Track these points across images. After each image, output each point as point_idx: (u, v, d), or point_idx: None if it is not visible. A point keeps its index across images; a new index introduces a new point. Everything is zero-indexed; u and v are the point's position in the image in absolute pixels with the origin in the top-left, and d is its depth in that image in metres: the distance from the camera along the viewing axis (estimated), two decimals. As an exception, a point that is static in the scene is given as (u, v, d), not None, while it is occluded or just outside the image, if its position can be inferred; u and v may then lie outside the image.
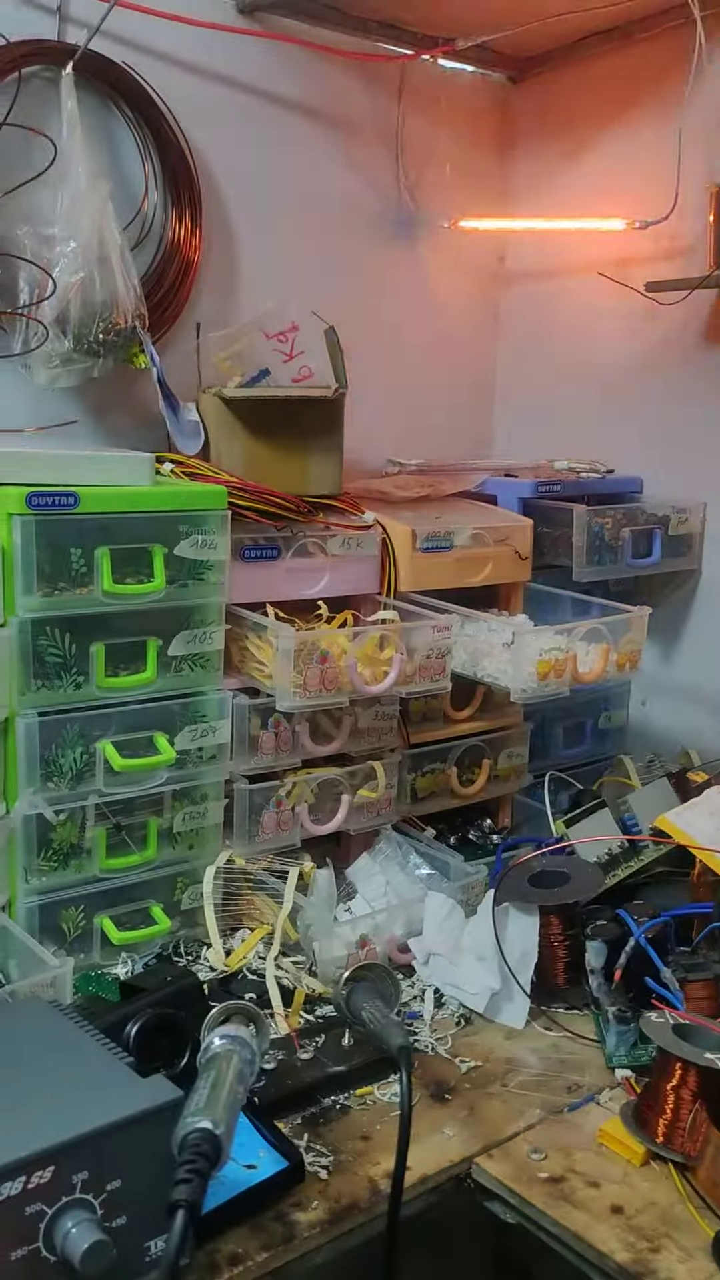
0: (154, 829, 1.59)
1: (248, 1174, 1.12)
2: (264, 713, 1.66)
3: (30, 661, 1.46)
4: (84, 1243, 0.91)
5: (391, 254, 2.25)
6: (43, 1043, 1.10)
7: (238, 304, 2.02)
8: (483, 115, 2.35)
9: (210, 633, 1.61)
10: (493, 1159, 1.22)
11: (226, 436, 1.79)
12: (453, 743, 1.91)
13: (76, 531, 1.46)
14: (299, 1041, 1.38)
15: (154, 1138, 0.96)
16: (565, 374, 2.35)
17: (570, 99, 2.27)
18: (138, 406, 1.91)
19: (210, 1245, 1.06)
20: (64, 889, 1.53)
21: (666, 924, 1.47)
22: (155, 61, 1.85)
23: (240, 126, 1.99)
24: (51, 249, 1.68)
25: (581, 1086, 1.35)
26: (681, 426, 2.15)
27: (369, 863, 1.80)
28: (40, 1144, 0.91)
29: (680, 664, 2.20)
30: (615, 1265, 1.07)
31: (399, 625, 1.69)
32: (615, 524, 2.01)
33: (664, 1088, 1.21)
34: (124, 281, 1.73)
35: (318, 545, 1.76)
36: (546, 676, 1.77)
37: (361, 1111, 1.29)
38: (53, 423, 1.81)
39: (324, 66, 2.08)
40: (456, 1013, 1.51)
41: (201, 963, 1.59)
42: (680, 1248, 1.09)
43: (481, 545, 1.91)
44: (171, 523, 1.54)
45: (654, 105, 2.10)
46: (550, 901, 1.53)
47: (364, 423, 2.10)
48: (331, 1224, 1.11)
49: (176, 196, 1.89)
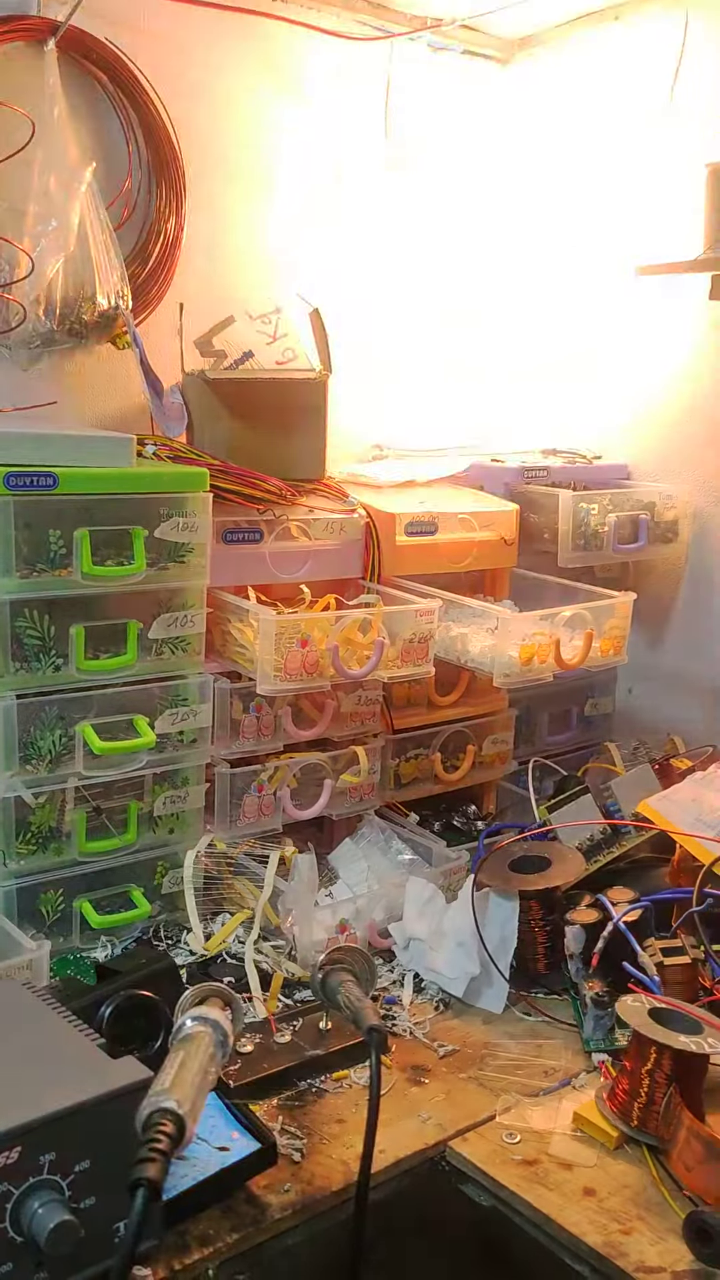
0: (134, 812, 1.59)
1: (220, 1156, 1.12)
2: (246, 696, 1.65)
3: (9, 643, 1.45)
4: (50, 1223, 0.91)
5: (378, 236, 2.23)
6: (13, 1024, 1.09)
7: (221, 285, 2.00)
8: (471, 97, 2.33)
9: (191, 616, 1.60)
10: (468, 1142, 1.22)
11: (210, 419, 1.78)
12: (437, 728, 1.91)
13: (56, 513, 1.45)
14: (276, 1025, 1.38)
15: (123, 1119, 0.96)
16: (552, 359, 2.33)
17: (559, 81, 2.25)
18: (120, 388, 1.89)
19: (181, 1226, 1.06)
20: (43, 872, 1.52)
21: (646, 909, 1.47)
22: (139, 38, 1.83)
23: (225, 106, 1.97)
24: (32, 228, 1.67)
25: (558, 1070, 1.35)
26: (669, 413, 2.14)
27: (351, 848, 1.79)
28: (7, 1124, 0.91)
29: (667, 651, 2.19)
30: (587, 1247, 1.07)
31: (381, 609, 1.68)
32: (601, 510, 2.00)
33: (639, 1071, 1.21)
34: (107, 261, 1.72)
35: (301, 529, 1.75)
36: (530, 661, 1.76)
37: (337, 1095, 1.29)
38: (33, 404, 1.80)
39: (312, 46, 2.06)
40: (436, 998, 1.51)
41: (182, 947, 1.58)
42: (652, 1230, 1.09)
43: (467, 530, 1.90)
44: (152, 505, 1.53)
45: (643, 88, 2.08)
46: (530, 887, 1.53)
47: (349, 406, 2.09)
48: (303, 1206, 1.11)
49: (160, 176, 1.87)
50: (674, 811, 1.61)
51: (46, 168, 1.69)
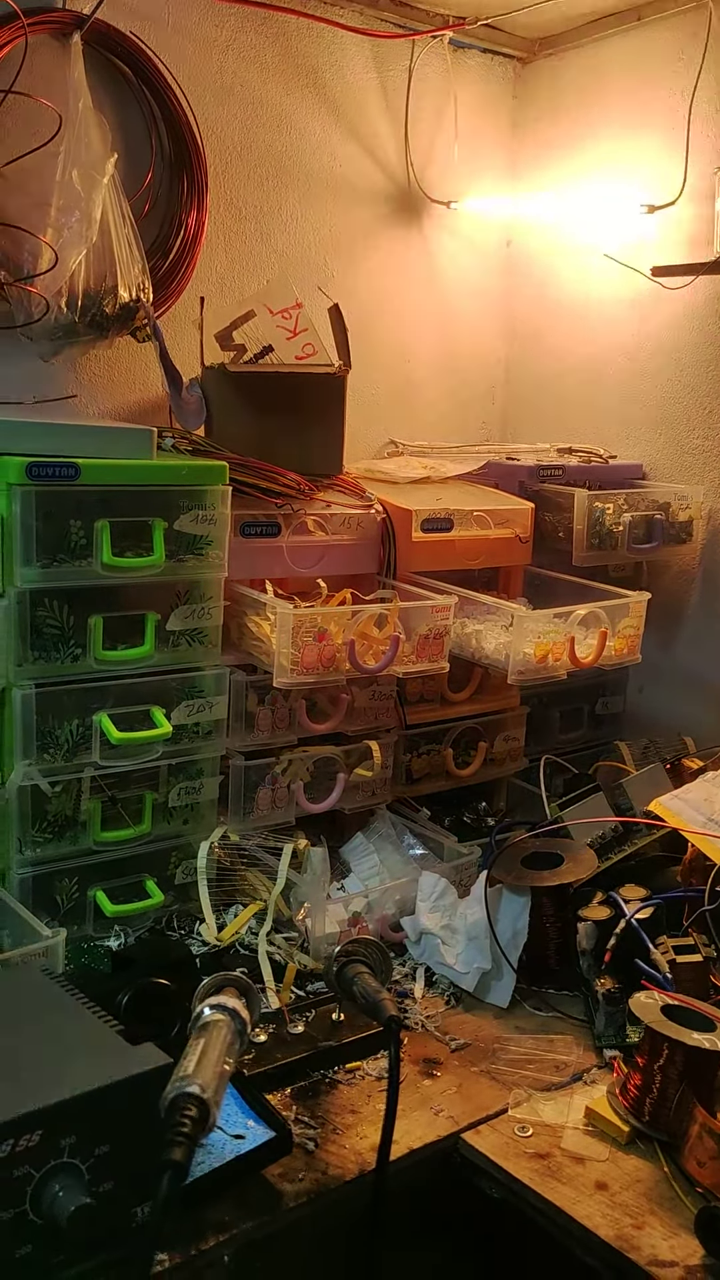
0: (149, 803, 1.59)
1: (235, 1144, 1.13)
2: (261, 690, 1.66)
3: (28, 633, 1.46)
4: (70, 1206, 0.92)
5: (397, 234, 2.24)
6: (35, 1009, 1.10)
7: (242, 280, 2.01)
8: (492, 96, 2.33)
9: (209, 608, 1.61)
10: (480, 1134, 1.23)
11: (229, 412, 1.78)
12: (449, 724, 1.91)
13: (77, 503, 1.46)
14: (290, 1016, 1.39)
15: (143, 1104, 0.97)
16: (569, 358, 2.34)
17: (580, 81, 2.25)
18: (140, 381, 1.90)
19: (196, 1213, 1.07)
20: (58, 861, 1.53)
21: (658, 907, 1.47)
22: (164, 33, 1.84)
23: (247, 101, 1.97)
24: (56, 220, 1.67)
25: (569, 1065, 1.36)
26: (685, 413, 2.14)
27: (363, 842, 1.80)
28: (28, 1106, 0.92)
29: (678, 651, 2.20)
30: (599, 1241, 1.08)
31: (398, 605, 1.69)
32: (616, 509, 2.00)
33: (651, 1067, 1.22)
34: (128, 254, 1.72)
35: (318, 524, 1.76)
36: (544, 659, 1.77)
37: (350, 1086, 1.30)
38: (54, 396, 1.81)
39: (334, 43, 2.06)
40: (447, 991, 1.52)
41: (194, 937, 1.59)
42: (664, 1224, 1.10)
43: (482, 528, 1.91)
44: (172, 497, 1.54)
45: (664, 89, 2.08)
46: (543, 883, 1.53)
47: (367, 402, 2.10)
48: (317, 1195, 1.12)
49: (182, 170, 1.88)
50: (686, 811, 1.62)
51: (70, 160, 1.69)
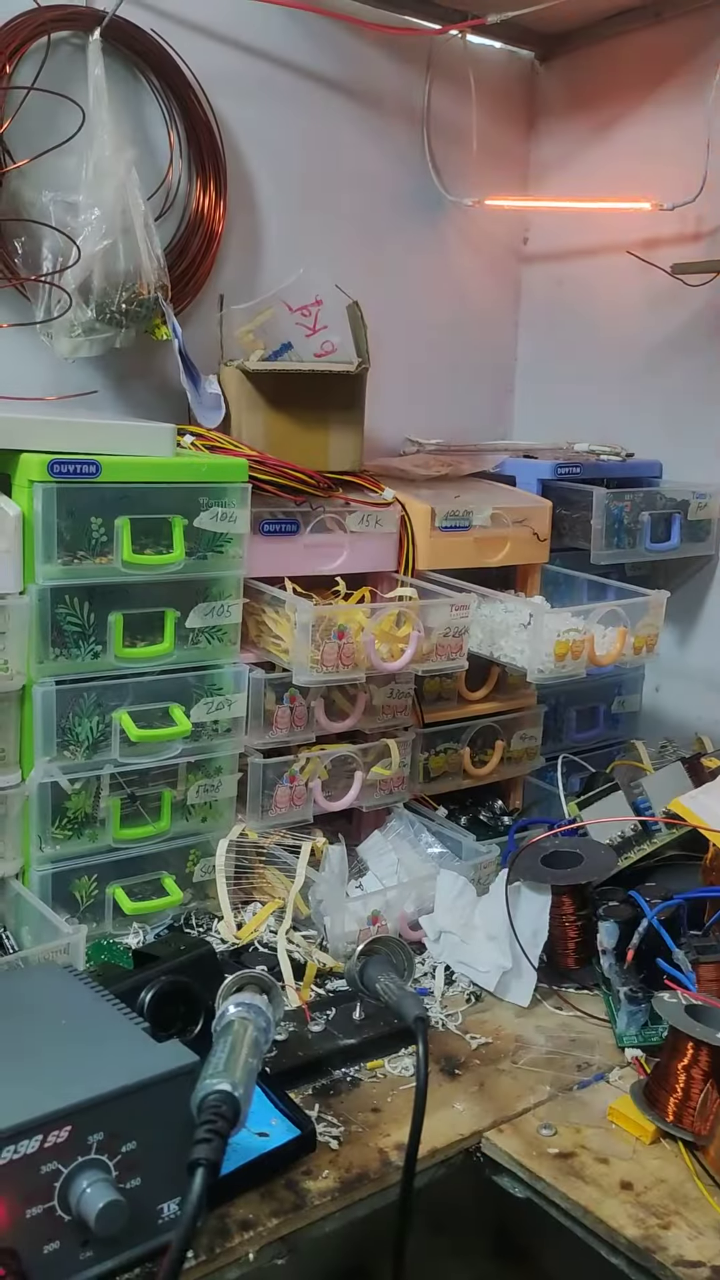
0: (168, 800, 1.59)
1: (260, 1141, 1.13)
2: (280, 687, 1.66)
3: (49, 630, 1.45)
4: (99, 1202, 0.91)
5: (416, 231, 2.24)
6: (60, 1006, 1.10)
7: (261, 277, 2.00)
8: (510, 93, 2.33)
9: (228, 606, 1.61)
10: (503, 1134, 1.22)
11: (247, 410, 1.78)
12: (467, 723, 1.91)
13: (97, 500, 1.46)
14: (310, 1014, 1.39)
15: (170, 1102, 0.97)
16: (587, 355, 2.33)
17: (599, 78, 2.25)
18: (159, 378, 1.90)
19: (222, 1210, 1.07)
20: (77, 858, 1.53)
21: (679, 906, 1.47)
22: (183, 30, 1.83)
23: (266, 98, 1.97)
24: (75, 217, 1.68)
25: (591, 1065, 1.35)
26: (704, 411, 2.13)
27: (380, 840, 1.80)
28: (57, 1103, 0.91)
29: (695, 649, 2.19)
30: (625, 1241, 1.08)
31: (417, 603, 1.69)
32: (634, 507, 2.00)
33: (675, 1067, 1.21)
34: (147, 251, 1.72)
35: (336, 521, 1.76)
36: (564, 658, 1.76)
37: (372, 1084, 1.29)
38: (74, 392, 1.81)
39: (352, 39, 2.06)
40: (467, 990, 1.51)
41: (213, 935, 1.59)
42: (690, 1225, 1.09)
43: (500, 526, 1.90)
44: (192, 494, 1.54)
45: (683, 85, 2.07)
46: (563, 881, 1.53)
47: (384, 400, 2.09)
48: (342, 1193, 1.12)
49: (201, 167, 1.88)
50: (707, 809, 1.61)
51: (89, 157, 1.70)
